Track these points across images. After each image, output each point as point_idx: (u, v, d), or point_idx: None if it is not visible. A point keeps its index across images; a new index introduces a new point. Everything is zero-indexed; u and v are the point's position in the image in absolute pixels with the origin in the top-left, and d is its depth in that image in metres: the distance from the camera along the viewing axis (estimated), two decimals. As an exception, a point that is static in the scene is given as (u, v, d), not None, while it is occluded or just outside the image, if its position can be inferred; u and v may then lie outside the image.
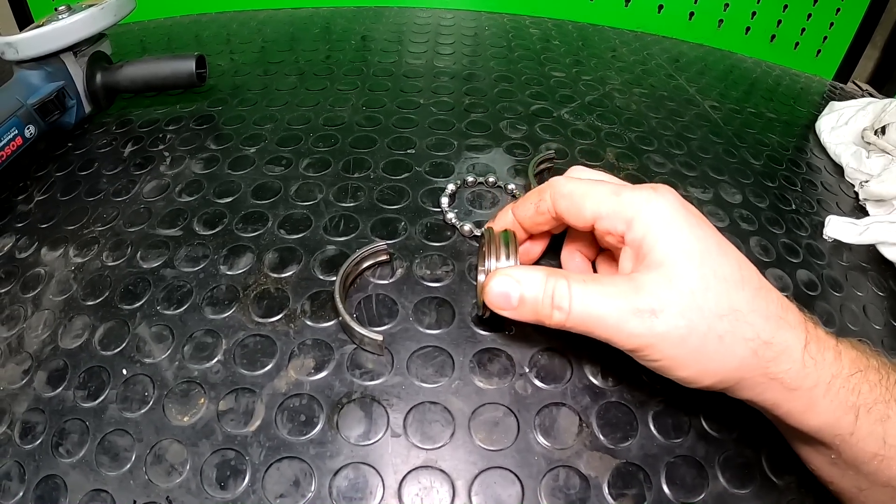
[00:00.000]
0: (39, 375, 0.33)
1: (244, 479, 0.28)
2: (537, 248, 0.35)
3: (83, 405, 0.31)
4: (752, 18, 0.83)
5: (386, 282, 0.37)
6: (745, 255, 0.26)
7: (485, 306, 0.31)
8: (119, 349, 0.34)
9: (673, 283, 0.25)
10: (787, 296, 0.27)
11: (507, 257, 0.30)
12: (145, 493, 0.28)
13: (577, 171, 0.33)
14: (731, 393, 0.26)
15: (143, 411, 0.31)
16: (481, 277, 0.33)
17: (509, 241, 0.31)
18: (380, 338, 0.31)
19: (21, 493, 0.29)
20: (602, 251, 0.34)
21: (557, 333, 0.28)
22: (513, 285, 0.28)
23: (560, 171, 0.34)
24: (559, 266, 0.35)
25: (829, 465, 0.27)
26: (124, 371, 0.33)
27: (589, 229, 0.30)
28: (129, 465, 0.29)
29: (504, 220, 0.34)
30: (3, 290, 0.38)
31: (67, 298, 0.37)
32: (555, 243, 0.36)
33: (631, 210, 0.27)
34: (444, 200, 0.42)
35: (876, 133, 0.55)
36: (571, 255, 0.34)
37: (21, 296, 0.38)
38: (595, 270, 0.35)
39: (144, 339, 0.34)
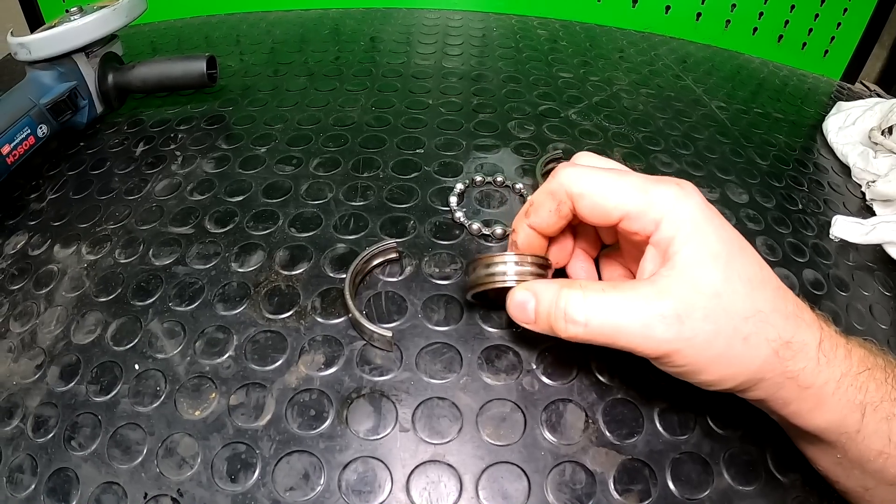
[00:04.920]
0: (52, 370, 0.33)
1: (254, 472, 0.29)
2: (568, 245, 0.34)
3: (95, 399, 0.32)
4: (759, 19, 0.83)
5: (395, 279, 0.37)
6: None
7: (473, 286, 0.31)
8: (131, 345, 0.34)
9: (698, 287, 0.25)
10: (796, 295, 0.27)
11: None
12: (156, 486, 0.29)
13: (584, 159, 0.32)
14: (745, 394, 0.26)
15: (154, 405, 0.31)
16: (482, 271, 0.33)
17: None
18: (389, 334, 0.31)
19: (33, 486, 0.29)
20: (604, 247, 0.34)
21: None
22: (529, 298, 0.28)
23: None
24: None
25: (835, 464, 0.27)
26: (136, 366, 0.33)
27: (611, 226, 0.29)
28: (140, 459, 0.29)
29: (524, 235, 0.32)
30: (16, 287, 0.39)
31: (80, 295, 0.37)
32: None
33: (660, 210, 0.26)
34: (453, 199, 0.42)
35: (883, 133, 0.55)
36: (574, 255, 0.34)
37: (34, 292, 0.38)
38: (598, 268, 0.34)
39: (156, 335, 0.34)
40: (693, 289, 0.25)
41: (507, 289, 0.30)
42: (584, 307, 0.26)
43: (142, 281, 0.37)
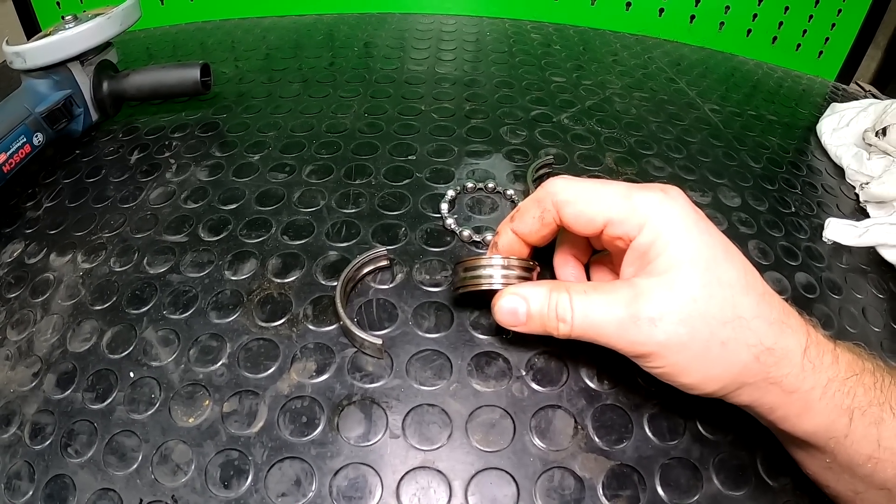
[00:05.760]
0: (49, 378, 0.34)
1: (247, 478, 0.29)
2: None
3: (91, 407, 0.32)
4: (753, 21, 0.83)
5: (386, 287, 0.37)
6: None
7: (459, 287, 0.32)
8: (126, 353, 0.34)
9: (675, 290, 0.25)
10: (786, 299, 0.27)
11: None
12: (151, 492, 0.29)
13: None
14: (729, 399, 0.27)
15: (149, 413, 0.32)
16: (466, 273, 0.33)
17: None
18: (379, 341, 0.32)
19: (30, 493, 0.29)
20: (595, 253, 0.34)
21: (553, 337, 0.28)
22: (520, 302, 0.28)
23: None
24: (552, 271, 0.35)
25: (825, 469, 0.27)
26: (131, 374, 0.33)
27: (596, 235, 0.29)
28: (135, 465, 0.30)
29: (506, 239, 0.33)
30: (12, 295, 0.39)
31: (76, 303, 0.38)
32: (544, 249, 0.36)
33: (642, 215, 0.27)
34: (444, 206, 0.42)
35: (877, 134, 0.56)
36: (565, 260, 0.34)
37: (30, 300, 0.38)
38: (588, 274, 0.35)
39: (151, 343, 0.35)
40: (669, 292, 0.25)
41: (494, 291, 0.30)
42: (569, 307, 0.27)
43: (136, 289, 0.38)
